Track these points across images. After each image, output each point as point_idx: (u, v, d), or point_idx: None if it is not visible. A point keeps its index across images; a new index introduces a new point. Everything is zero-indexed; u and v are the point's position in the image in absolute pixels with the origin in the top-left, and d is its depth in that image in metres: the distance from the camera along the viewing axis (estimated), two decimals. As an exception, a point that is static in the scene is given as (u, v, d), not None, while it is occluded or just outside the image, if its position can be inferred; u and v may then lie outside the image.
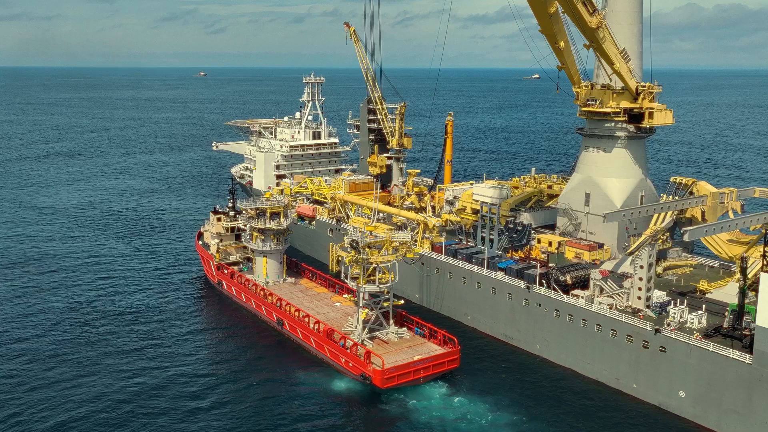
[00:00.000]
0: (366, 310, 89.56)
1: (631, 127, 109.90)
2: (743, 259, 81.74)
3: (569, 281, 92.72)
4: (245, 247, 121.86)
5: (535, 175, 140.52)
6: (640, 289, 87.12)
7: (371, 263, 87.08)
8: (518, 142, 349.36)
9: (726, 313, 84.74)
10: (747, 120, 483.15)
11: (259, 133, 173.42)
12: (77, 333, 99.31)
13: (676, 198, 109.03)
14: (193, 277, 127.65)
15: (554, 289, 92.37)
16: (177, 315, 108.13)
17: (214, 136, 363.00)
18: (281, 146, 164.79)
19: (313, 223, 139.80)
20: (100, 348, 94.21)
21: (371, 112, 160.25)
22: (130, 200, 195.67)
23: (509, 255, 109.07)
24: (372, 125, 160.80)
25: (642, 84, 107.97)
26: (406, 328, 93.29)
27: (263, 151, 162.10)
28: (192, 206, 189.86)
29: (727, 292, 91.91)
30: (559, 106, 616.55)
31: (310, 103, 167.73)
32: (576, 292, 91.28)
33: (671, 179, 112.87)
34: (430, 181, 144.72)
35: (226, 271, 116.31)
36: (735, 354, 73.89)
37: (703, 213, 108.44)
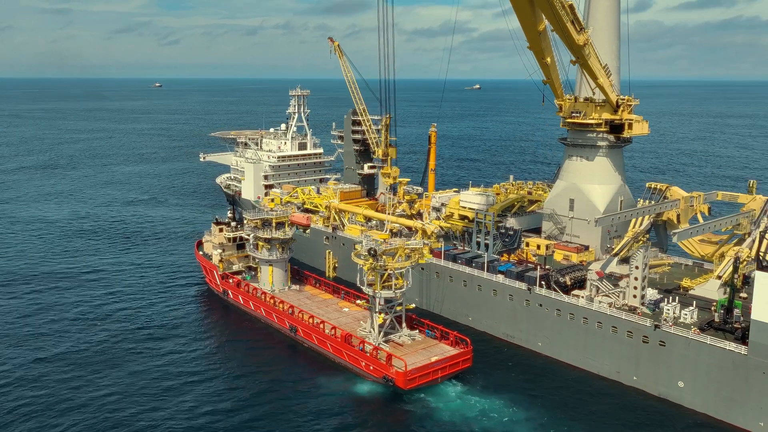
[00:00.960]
0: (382, 315, 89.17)
1: (612, 137, 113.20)
2: (736, 259, 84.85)
3: (568, 282, 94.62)
4: (247, 257, 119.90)
5: (513, 182, 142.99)
6: (635, 288, 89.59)
7: (387, 270, 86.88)
8: (478, 150, 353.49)
9: (712, 308, 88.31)
10: (679, 127, 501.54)
11: (245, 144, 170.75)
12: (94, 350, 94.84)
13: (652, 202, 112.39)
14: (195, 287, 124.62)
15: (555, 290, 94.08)
16: (187, 326, 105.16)
17: (188, 146, 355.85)
18: (269, 157, 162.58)
19: (308, 231, 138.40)
20: (120, 365, 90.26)
21: (355, 123, 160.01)
22: (117, 212, 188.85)
23: (504, 259, 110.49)
24: (356, 136, 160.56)
25: (621, 97, 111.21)
26: (417, 331, 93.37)
27: (252, 162, 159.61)
28: (180, 216, 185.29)
29: (708, 289, 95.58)
30: (510, 115, 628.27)
31: (296, 114, 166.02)
32: (576, 292, 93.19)
33: (647, 185, 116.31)
34: (420, 189, 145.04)
35: (231, 281, 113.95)
36: (731, 346, 76.82)
37: (678, 216, 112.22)
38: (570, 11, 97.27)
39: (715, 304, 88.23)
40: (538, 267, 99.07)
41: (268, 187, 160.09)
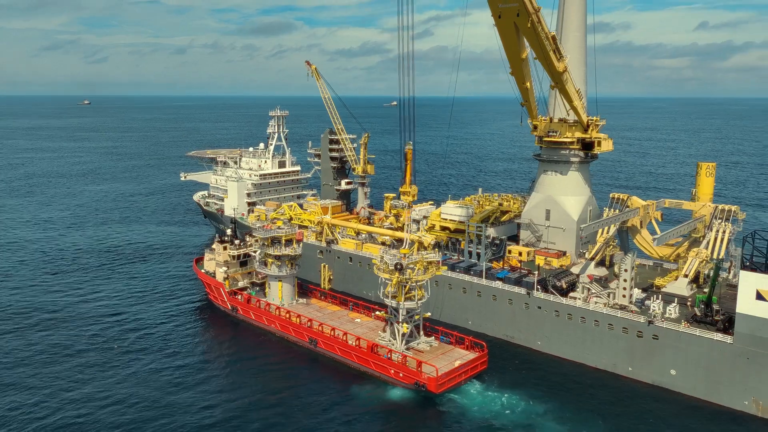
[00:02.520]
0: (405, 325, 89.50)
1: (582, 154, 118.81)
2: (719, 261, 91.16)
3: (564, 286, 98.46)
4: (250, 273, 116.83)
5: (482, 195, 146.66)
6: (625, 288, 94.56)
7: (411, 282, 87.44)
8: (428, 163, 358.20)
9: (688, 303, 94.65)
10: (625, 141, 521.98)
11: (225, 163, 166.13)
12: (112, 374, 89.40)
13: (617, 211, 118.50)
14: (197, 305, 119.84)
15: (552, 293, 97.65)
16: (201, 345, 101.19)
17: (146, 165, 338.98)
18: (250, 175, 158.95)
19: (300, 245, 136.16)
20: (147, 389, 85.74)
21: (333, 141, 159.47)
22: (93, 234, 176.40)
23: (496, 266, 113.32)
24: (334, 154, 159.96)
25: (591, 118, 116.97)
26: (432, 338, 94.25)
27: (235, 180, 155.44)
28: (160, 235, 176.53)
29: (678, 286, 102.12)
30: (434, 130, 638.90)
31: (276, 134, 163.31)
32: (573, 294, 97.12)
33: (611, 195, 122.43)
34: (417, 205, 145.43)
35: (240, 297, 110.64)
36: (718, 336, 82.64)
37: (641, 222, 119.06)
38: (552, 41, 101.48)
39: (691, 300, 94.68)
40: (537, 272, 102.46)
41: (251, 204, 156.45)
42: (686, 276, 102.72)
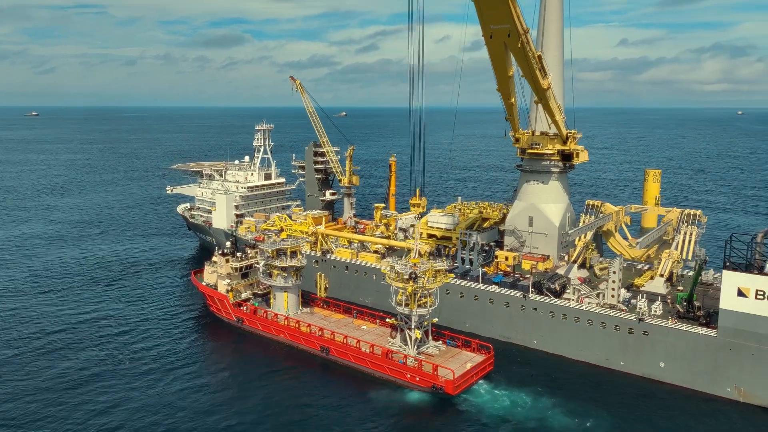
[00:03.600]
0: (418, 331, 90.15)
1: (561, 164, 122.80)
2: (704, 261, 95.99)
3: (558, 288, 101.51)
4: (252, 284, 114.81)
5: (462, 203, 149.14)
6: (613, 289, 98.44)
7: (423, 290, 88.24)
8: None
9: (668, 300, 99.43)
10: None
11: (210, 176, 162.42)
12: (138, 395, 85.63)
13: (593, 217, 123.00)
14: (198, 318, 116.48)
15: (547, 295, 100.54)
16: (210, 358, 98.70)
17: (116, 177, 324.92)
18: (237, 187, 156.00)
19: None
20: (165, 402, 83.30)
21: (317, 154, 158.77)
22: (77, 250, 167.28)
23: (490, 271, 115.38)
24: (319, 166, 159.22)
25: (569, 131, 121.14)
26: (440, 342, 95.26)
27: (224, 193, 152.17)
28: (144, 247, 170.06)
29: (655, 285, 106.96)
30: (384, 139, 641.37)
31: (262, 147, 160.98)
32: (566, 295, 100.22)
33: (586, 202, 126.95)
34: (395, 212, 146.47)
35: (246, 308, 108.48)
36: (702, 330, 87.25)
37: (615, 226, 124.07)
38: (538, 60, 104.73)
39: (671, 297, 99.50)
40: (530, 276, 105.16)
41: (239, 216, 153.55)
42: (662, 275, 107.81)
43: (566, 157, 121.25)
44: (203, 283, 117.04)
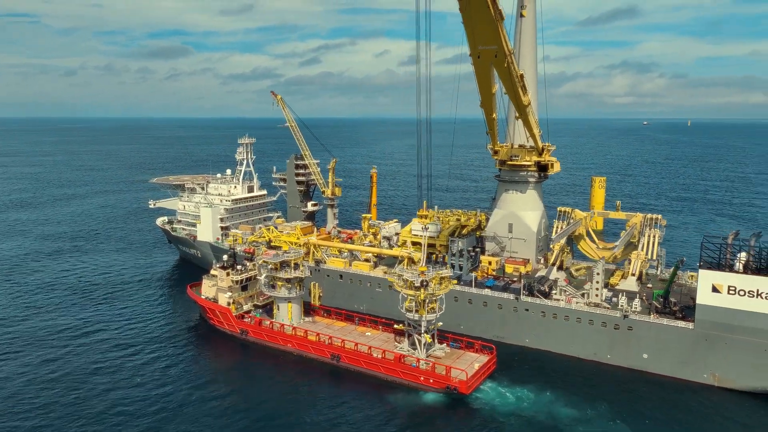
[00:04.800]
0: (427, 335, 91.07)
1: (537, 175, 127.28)
2: (681, 261, 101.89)
3: (547, 289, 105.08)
4: (252, 296, 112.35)
5: (439, 211, 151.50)
6: (597, 289, 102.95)
7: (433, 296, 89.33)
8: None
9: (645, 297, 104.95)
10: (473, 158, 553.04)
11: (192, 189, 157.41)
12: (158, 409, 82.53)
13: (565, 223, 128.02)
14: (198, 331, 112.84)
15: (538, 297, 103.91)
16: (219, 372, 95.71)
17: (80, 191, 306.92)
18: (221, 200, 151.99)
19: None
20: (185, 420, 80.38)
21: (299, 167, 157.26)
22: (55, 266, 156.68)
23: (480, 275, 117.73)
24: (300, 178, 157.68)
25: (544, 143, 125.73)
26: (444, 344, 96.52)
27: (208, 206, 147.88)
28: (123, 261, 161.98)
29: (628, 283, 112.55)
30: (351, 149, 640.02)
31: (245, 160, 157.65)
32: (556, 296, 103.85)
33: (558, 209, 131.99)
34: (382, 222, 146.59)
35: (252, 320, 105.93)
36: (681, 324, 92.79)
37: (585, 231, 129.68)
38: (520, 79, 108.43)
39: (645, 294, 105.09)
40: (521, 280, 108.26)
41: (225, 228, 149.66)
42: (633, 275, 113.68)
43: (542, 168, 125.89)
44: (202, 297, 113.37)
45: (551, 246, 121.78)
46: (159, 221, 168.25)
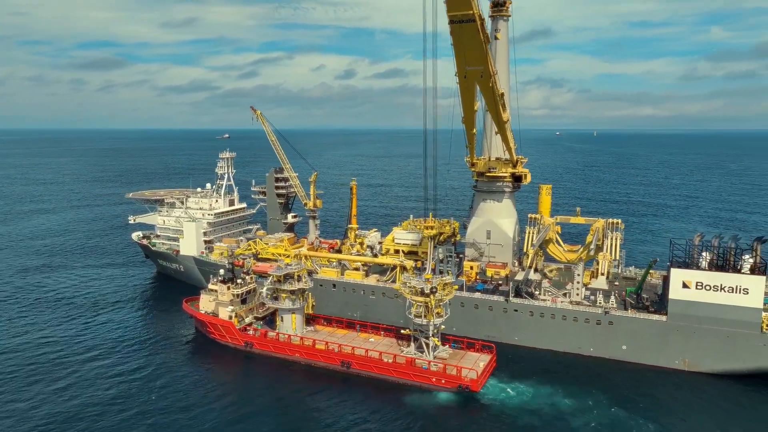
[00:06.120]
0: (435, 338, 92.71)
1: (512, 185, 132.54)
2: (655, 261, 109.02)
3: (534, 291, 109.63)
4: (252, 309, 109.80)
5: (414, 220, 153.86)
6: (578, 289, 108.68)
7: (441, 301, 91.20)
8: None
9: (624, 294, 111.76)
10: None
11: (172, 204, 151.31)
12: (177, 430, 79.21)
13: (535, 228, 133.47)
14: (199, 346, 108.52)
15: (526, 298, 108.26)
16: (231, 387, 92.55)
17: (35, 207, 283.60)
18: (203, 214, 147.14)
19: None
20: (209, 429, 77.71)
21: (279, 180, 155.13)
22: (27, 283, 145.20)
23: (469, 280, 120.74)
24: (281, 191, 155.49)
25: (518, 156, 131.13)
26: (447, 346, 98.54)
27: (191, 221, 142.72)
28: (99, 278, 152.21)
29: (600, 282, 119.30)
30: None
31: (226, 174, 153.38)
32: (542, 297, 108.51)
33: (529, 215, 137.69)
34: (368, 232, 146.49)
35: (256, 333, 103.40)
36: (655, 317, 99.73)
37: (555, 235, 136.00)
38: (501, 97, 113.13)
39: (615, 292, 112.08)
40: (508, 283, 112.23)
41: (208, 242, 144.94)
42: (603, 274, 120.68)
43: (517, 178, 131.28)
44: (201, 311, 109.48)
45: (524, 250, 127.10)
46: (134, 236, 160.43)
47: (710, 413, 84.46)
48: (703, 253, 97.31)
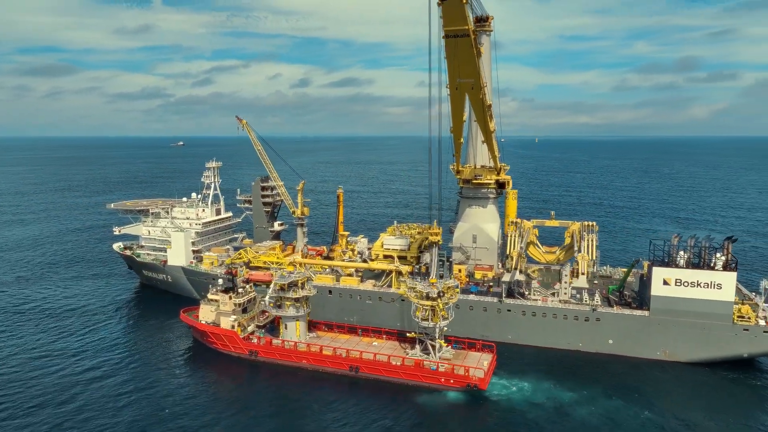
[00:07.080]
0: (441, 340, 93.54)
1: (496, 191, 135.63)
2: (637, 261, 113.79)
3: (525, 292, 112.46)
4: (253, 318, 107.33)
5: (399, 226, 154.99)
6: (566, 289, 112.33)
7: (447, 304, 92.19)
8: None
9: (605, 292, 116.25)
10: (377, 173, 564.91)
11: (157, 214, 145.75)
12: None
13: (518, 232, 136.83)
14: (201, 357, 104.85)
15: (518, 298, 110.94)
16: (242, 395, 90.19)
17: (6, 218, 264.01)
18: (190, 224, 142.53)
19: (270, 286, 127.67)
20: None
21: (265, 188, 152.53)
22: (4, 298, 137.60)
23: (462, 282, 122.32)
24: (267, 200, 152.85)
25: (501, 164, 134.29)
26: (449, 346, 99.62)
27: (179, 231, 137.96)
28: (81, 290, 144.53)
29: (580, 282, 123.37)
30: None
31: (212, 184, 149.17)
32: (534, 297, 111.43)
33: (511, 219, 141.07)
34: (356, 239, 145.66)
35: (261, 341, 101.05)
36: (639, 312, 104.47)
37: (535, 237, 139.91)
38: (488, 108, 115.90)
39: (598, 289, 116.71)
40: (500, 285, 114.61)
41: (197, 252, 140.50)
42: (583, 274, 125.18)
43: (500, 185, 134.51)
44: (201, 322, 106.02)
45: (508, 253, 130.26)
46: (116, 247, 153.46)
47: (691, 397, 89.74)
48: (681, 252, 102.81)
